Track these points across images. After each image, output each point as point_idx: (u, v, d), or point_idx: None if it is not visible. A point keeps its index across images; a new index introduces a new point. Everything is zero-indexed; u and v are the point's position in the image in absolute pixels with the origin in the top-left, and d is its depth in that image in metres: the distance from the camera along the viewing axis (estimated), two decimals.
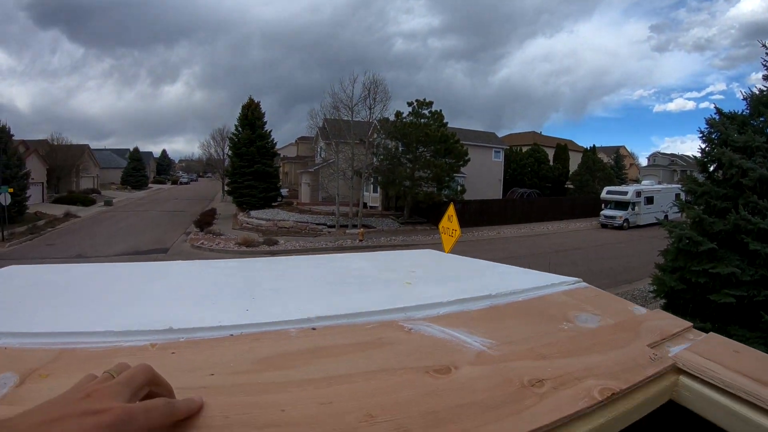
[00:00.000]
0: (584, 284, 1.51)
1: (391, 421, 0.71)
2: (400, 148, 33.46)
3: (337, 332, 1.03)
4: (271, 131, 40.01)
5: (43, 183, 46.50)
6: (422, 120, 33.42)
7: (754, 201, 8.64)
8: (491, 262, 2.04)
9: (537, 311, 1.25)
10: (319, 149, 43.54)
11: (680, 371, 0.94)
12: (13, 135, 37.80)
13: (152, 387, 0.66)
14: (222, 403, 0.72)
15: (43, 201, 44.13)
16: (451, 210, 12.45)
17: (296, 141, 60.53)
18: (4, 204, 28.18)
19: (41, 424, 0.52)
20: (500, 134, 53.87)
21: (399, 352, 0.94)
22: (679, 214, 10.59)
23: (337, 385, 0.80)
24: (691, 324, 1.19)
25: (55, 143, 54.09)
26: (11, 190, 29.67)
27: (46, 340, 0.96)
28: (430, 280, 1.72)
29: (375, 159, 34.38)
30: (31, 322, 1.10)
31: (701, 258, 9.10)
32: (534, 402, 0.79)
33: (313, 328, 1.04)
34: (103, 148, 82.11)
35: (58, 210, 38.70)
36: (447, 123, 34.44)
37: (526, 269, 1.80)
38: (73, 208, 40.58)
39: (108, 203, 46.57)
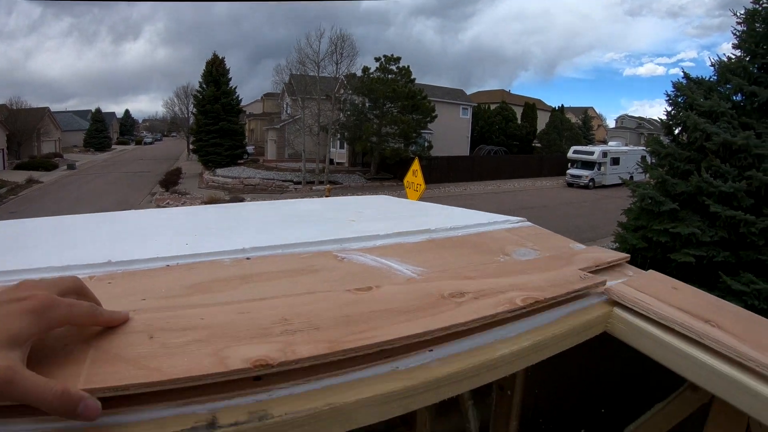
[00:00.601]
0: (529, 223, 1.49)
1: (303, 322, 0.72)
2: (367, 104, 33.35)
3: (270, 261, 1.03)
4: (236, 88, 39.46)
5: (3, 149, 44.72)
6: (390, 76, 33.20)
7: (717, 165, 8.78)
8: (442, 205, 2.01)
9: (474, 245, 1.24)
10: (285, 105, 42.77)
11: (615, 303, 0.94)
12: None
13: (80, 296, 0.68)
14: (147, 317, 0.73)
15: (3, 168, 42.69)
16: (416, 164, 12.48)
17: (262, 97, 59.54)
18: None
19: None
20: (469, 92, 53.62)
21: (327, 278, 0.95)
22: (644, 176, 10.69)
23: (260, 301, 0.82)
24: (628, 256, 1.20)
25: (14, 107, 52.18)
26: None
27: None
28: (375, 219, 1.69)
29: (342, 115, 34.25)
30: None
31: (663, 218, 9.27)
32: (451, 308, 0.80)
33: (248, 258, 1.04)
34: (65, 110, 79.95)
35: (20, 176, 37.54)
36: (415, 79, 34.24)
37: (475, 211, 1.74)
38: (35, 174, 39.36)
39: (71, 167, 45.29)
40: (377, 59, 33.92)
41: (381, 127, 32.54)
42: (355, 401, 0.63)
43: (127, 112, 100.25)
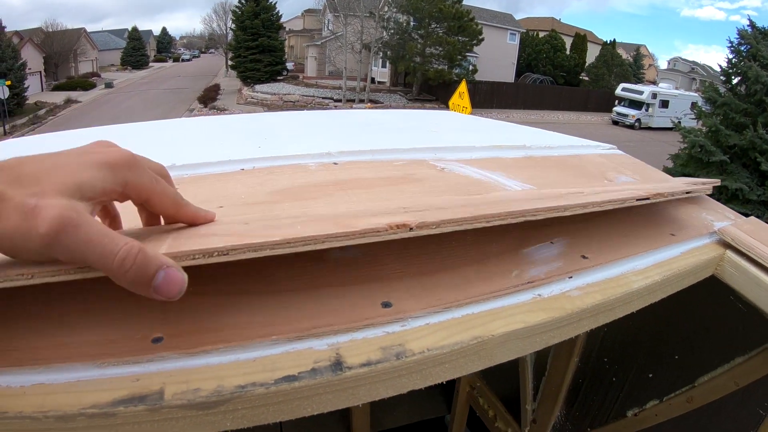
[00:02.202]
0: (620, 151, 1.41)
1: (428, 210, 0.61)
2: (412, 23, 32.57)
3: (362, 167, 0.94)
4: (276, 3, 38.54)
5: (41, 72, 45.30)
6: None
7: None
8: (517, 124, 1.89)
9: (575, 166, 1.14)
10: (326, 22, 42.58)
11: (728, 246, 0.86)
12: (5, 27, 36.51)
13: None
14: (233, 223, 0.59)
15: (42, 90, 43.16)
16: (462, 87, 12.25)
17: (302, 13, 58.53)
18: (2, 97, 27.91)
19: (49, 167, 0.43)
20: (517, 17, 52.00)
21: (432, 188, 0.85)
22: (694, 123, 10.58)
23: (367, 205, 0.73)
24: (718, 181, 1.10)
25: (50, 30, 52.46)
26: (9, 82, 29.26)
27: None
28: (456, 130, 1.59)
29: (385, 33, 33.49)
30: None
31: (711, 168, 9.18)
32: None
33: (335, 163, 0.95)
34: (101, 29, 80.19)
35: (59, 97, 37.94)
36: (462, 0, 33.16)
37: (554, 132, 1.66)
38: (73, 94, 39.70)
39: (108, 85, 45.47)
40: None
41: (425, 47, 31.79)
42: (502, 334, 0.55)
43: (164, 29, 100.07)
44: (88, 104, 36.15)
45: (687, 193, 0.88)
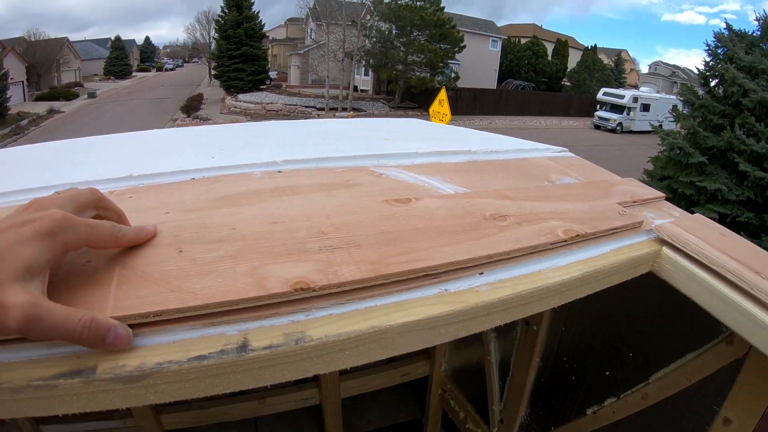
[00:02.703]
0: (570, 154, 1.42)
1: (342, 237, 0.70)
2: (394, 31, 32.80)
3: (304, 174, 0.99)
4: (258, 12, 38.57)
5: (23, 81, 44.65)
6: (418, 3, 32.49)
7: (751, 123, 8.60)
8: (478, 130, 1.93)
9: (517, 169, 1.16)
10: (309, 31, 42.66)
11: (664, 243, 0.88)
12: None
13: (100, 211, 0.62)
14: (173, 228, 0.70)
15: (24, 100, 42.61)
16: (442, 94, 12.33)
17: (285, 22, 58.39)
18: None
19: None
20: (499, 24, 52.47)
21: (365, 192, 0.90)
22: (674, 126, 10.65)
23: (294, 213, 0.78)
24: (663, 195, 1.11)
25: (33, 39, 51.74)
26: None
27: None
28: (410, 139, 1.63)
29: (367, 41, 33.73)
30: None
31: (690, 170, 9.26)
32: (494, 232, 0.77)
33: (279, 171, 1.00)
34: (84, 39, 78.79)
35: (41, 107, 37.41)
36: (444, 8, 33.43)
37: (514, 138, 1.66)
38: (56, 104, 39.23)
39: (92, 95, 45.04)
40: None
41: (407, 55, 31.98)
42: (402, 324, 0.59)
43: (147, 39, 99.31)
44: (71, 114, 35.70)
45: (614, 229, 0.88)
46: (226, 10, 37.55)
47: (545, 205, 0.91)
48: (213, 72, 44.29)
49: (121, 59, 67.52)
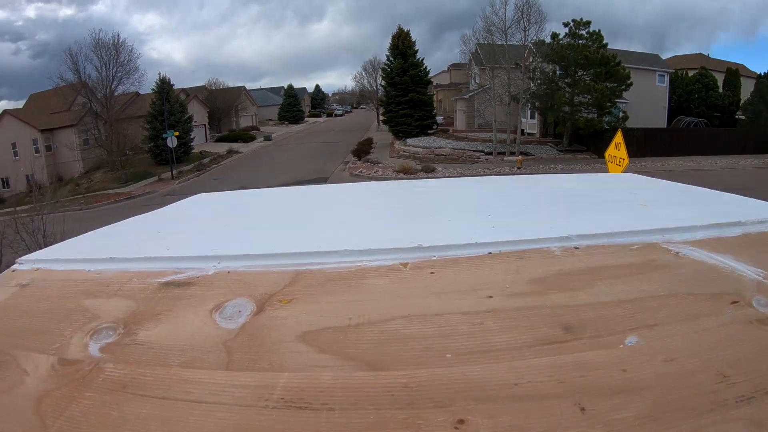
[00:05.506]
0: None
1: (748, 381, 0.58)
2: (558, 72, 32.57)
3: (601, 252, 0.93)
4: (423, 59, 39.93)
5: (205, 124, 50.19)
6: (580, 41, 32.04)
7: None
8: (707, 189, 1.73)
9: None
10: (473, 75, 43.35)
11: None
12: (173, 84, 41.89)
13: None
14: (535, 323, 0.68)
15: (206, 141, 47.96)
16: (619, 137, 11.79)
17: (448, 68, 60.72)
18: (171, 146, 32.49)
19: None
20: (664, 57, 49.51)
21: (678, 278, 0.83)
22: None
23: (647, 329, 0.69)
24: None
25: (213, 87, 58.70)
26: (177, 133, 33.88)
27: (276, 261, 0.91)
28: (661, 203, 1.53)
29: (531, 84, 33.56)
30: (252, 244, 1.06)
31: None
32: None
33: (576, 247, 0.94)
34: (259, 87, 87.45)
35: (221, 148, 42.20)
36: (607, 44, 32.64)
37: (752, 198, 1.50)
38: (234, 145, 44.01)
39: (267, 138, 49.62)
40: (566, 24, 32.89)
41: (573, 96, 31.52)
42: None
43: (317, 86, 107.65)
44: (248, 155, 39.75)
45: None
46: (392, 59, 39.51)
47: None
48: (381, 117, 46.49)
49: (294, 105, 73.83)
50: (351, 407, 0.57)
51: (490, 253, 0.89)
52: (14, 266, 1.12)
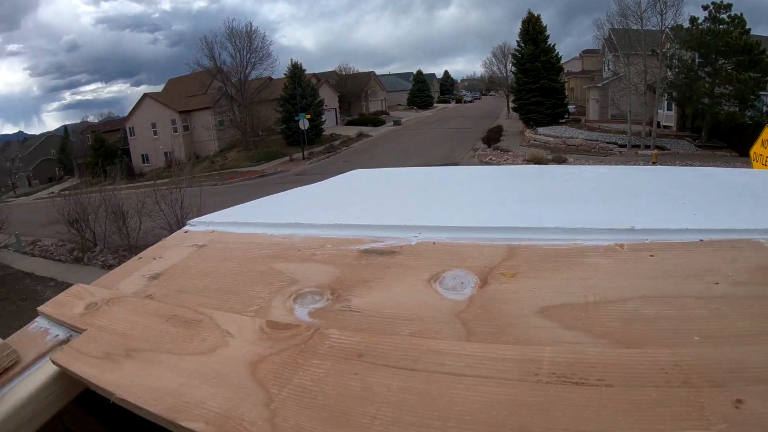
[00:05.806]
0: None
1: None
2: (697, 60, 30.57)
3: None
4: (554, 45, 39.50)
5: (335, 108, 52.38)
6: (720, 26, 29.63)
7: None
8: None
9: None
10: (606, 62, 42.27)
11: None
12: (305, 70, 44.16)
13: None
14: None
15: (336, 124, 50.10)
16: (766, 133, 10.53)
17: (580, 54, 58.42)
18: (303, 128, 34.45)
19: None
20: None
21: None
22: None
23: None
24: None
25: (343, 73, 60.73)
26: (309, 116, 35.68)
27: (485, 235, 0.93)
28: None
29: (669, 72, 31.87)
30: (446, 217, 1.09)
31: None
32: None
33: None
34: (388, 73, 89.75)
35: (351, 131, 43.85)
36: (749, 29, 29.81)
37: None
38: (364, 129, 45.57)
39: (397, 123, 50.93)
40: (705, 7, 30.32)
41: (713, 86, 29.48)
42: None
43: (446, 72, 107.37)
44: (377, 139, 40.81)
45: None
46: (522, 44, 39.10)
47: None
48: (511, 105, 45.99)
49: (423, 91, 74.97)
50: (630, 384, 0.56)
51: (702, 240, 0.87)
52: (186, 227, 1.17)
